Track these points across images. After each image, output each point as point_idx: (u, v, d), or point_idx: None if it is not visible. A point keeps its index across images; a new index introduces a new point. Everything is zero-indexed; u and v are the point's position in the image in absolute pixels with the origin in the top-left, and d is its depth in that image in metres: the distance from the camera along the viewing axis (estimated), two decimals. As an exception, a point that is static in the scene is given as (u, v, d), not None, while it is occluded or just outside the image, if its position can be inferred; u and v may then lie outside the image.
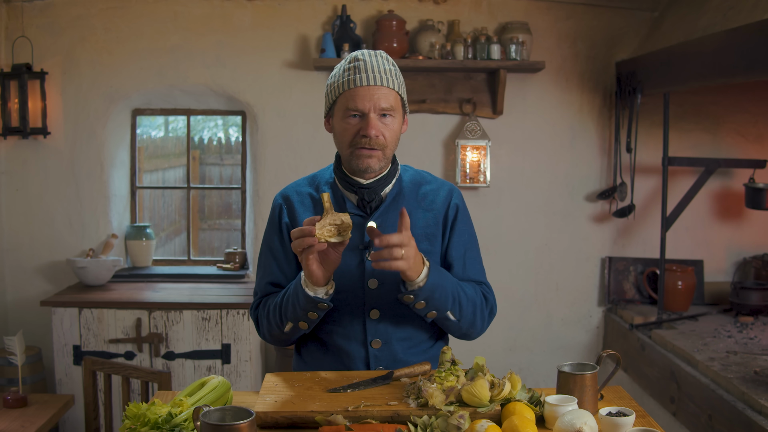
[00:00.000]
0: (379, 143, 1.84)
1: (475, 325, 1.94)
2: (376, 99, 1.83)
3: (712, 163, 3.75)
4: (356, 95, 1.83)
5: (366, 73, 1.83)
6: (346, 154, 1.88)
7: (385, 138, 1.85)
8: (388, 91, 1.85)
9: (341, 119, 1.87)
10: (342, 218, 1.72)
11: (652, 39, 3.84)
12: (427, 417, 1.58)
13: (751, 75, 2.80)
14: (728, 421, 2.75)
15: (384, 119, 1.85)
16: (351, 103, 1.83)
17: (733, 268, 4.16)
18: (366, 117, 1.83)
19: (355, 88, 1.83)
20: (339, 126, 1.88)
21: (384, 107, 1.84)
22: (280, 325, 1.90)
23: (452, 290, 1.85)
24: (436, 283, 1.80)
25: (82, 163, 4.07)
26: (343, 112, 1.86)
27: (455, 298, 1.86)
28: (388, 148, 1.88)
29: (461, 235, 2.00)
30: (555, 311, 4.23)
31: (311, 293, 1.79)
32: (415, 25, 4.01)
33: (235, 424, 1.40)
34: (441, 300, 1.83)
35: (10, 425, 3.08)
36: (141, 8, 4.00)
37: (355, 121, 1.85)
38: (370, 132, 1.82)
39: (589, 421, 1.53)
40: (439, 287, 1.81)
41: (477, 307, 1.93)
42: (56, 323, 3.59)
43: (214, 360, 3.62)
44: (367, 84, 1.82)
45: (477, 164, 4.03)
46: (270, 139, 4.08)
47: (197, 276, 4.10)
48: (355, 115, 1.84)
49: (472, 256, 2.02)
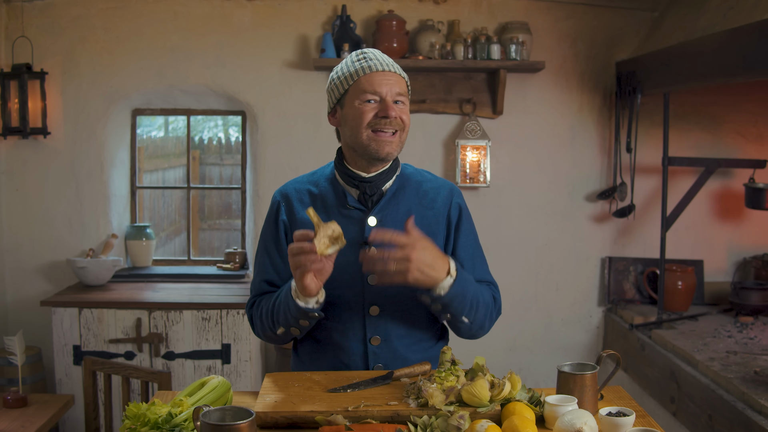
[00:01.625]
0: (398, 124, 1.86)
1: (484, 327, 1.96)
2: (391, 83, 1.86)
3: (712, 163, 3.75)
4: (373, 80, 1.85)
5: (378, 61, 1.88)
6: (363, 138, 1.86)
7: (403, 120, 1.88)
8: (399, 78, 1.89)
9: (356, 105, 1.87)
10: (332, 228, 1.72)
11: (652, 39, 3.84)
12: (427, 417, 1.58)
13: (751, 75, 2.80)
14: (728, 421, 2.75)
15: (398, 105, 1.88)
16: (368, 86, 1.85)
17: (733, 268, 4.16)
18: (384, 101, 1.85)
19: (370, 73, 1.86)
20: (354, 112, 1.87)
21: (398, 92, 1.87)
22: (273, 328, 1.91)
23: (472, 297, 1.85)
24: (458, 292, 1.80)
25: (82, 163, 4.07)
26: (358, 98, 1.86)
27: (473, 304, 1.86)
28: (404, 132, 1.90)
29: (468, 235, 2.00)
30: (555, 311, 4.23)
31: (302, 304, 1.80)
32: (415, 25, 4.01)
33: (235, 424, 1.40)
34: (460, 306, 1.83)
35: (10, 425, 3.08)
36: (141, 8, 4.00)
37: (372, 105, 1.86)
38: (391, 113, 1.84)
39: (589, 421, 1.53)
40: (460, 295, 1.81)
41: (488, 310, 1.94)
42: (56, 323, 3.59)
43: (214, 360, 3.62)
44: (381, 69, 1.86)
45: (477, 164, 4.03)
46: (270, 139, 4.08)
47: (197, 276, 4.10)
48: (371, 100, 1.85)
49: (480, 255, 2.04)
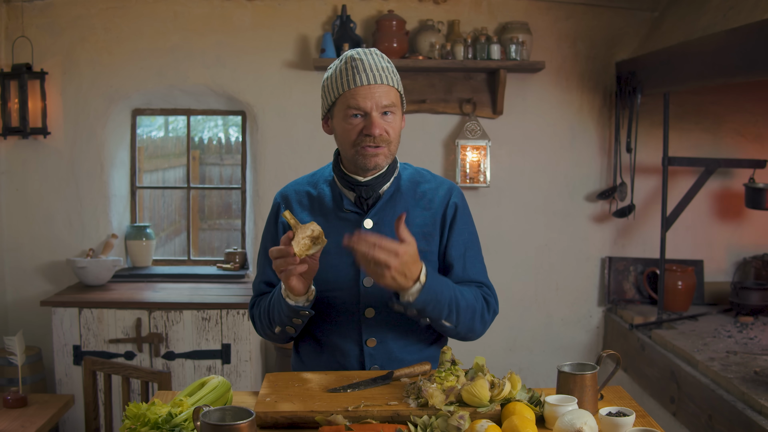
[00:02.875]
0: (384, 139, 1.83)
1: (474, 329, 1.92)
2: (377, 97, 1.81)
3: (712, 163, 3.75)
4: (357, 95, 1.81)
5: (365, 72, 1.81)
6: (351, 154, 1.86)
7: (389, 134, 1.85)
8: (388, 89, 1.84)
9: (342, 120, 1.84)
10: (311, 228, 1.72)
11: (652, 39, 3.83)
12: (427, 417, 1.58)
13: (751, 75, 2.80)
14: (728, 421, 2.75)
15: (386, 117, 1.84)
16: (352, 101, 1.81)
17: (733, 268, 4.16)
18: (369, 116, 1.81)
19: (355, 87, 1.81)
20: (341, 127, 1.86)
21: (385, 104, 1.82)
22: (271, 327, 1.93)
23: (449, 300, 1.82)
24: (429, 299, 1.77)
25: (82, 163, 4.07)
26: (344, 113, 1.83)
27: (451, 308, 1.83)
28: (392, 144, 1.87)
29: (460, 234, 1.97)
30: (555, 311, 4.23)
31: (292, 303, 1.81)
32: (415, 25, 4.01)
33: (235, 424, 1.40)
34: (435, 311, 1.80)
35: (10, 425, 3.08)
36: (141, 8, 4.00)
37: (357, 120, 1.82)
38: (374, 131, 1.81)
39: (589, 421, 1.53)
40: (432, 301, 1.78)
41: (476, 313, 1.90)
42: (56, 323, 3.59)
43: (214, 360, 3.61)
44: (367, 83, 1.81)
45: (477, 164, 4.03)
46: (270, 139, 4.08)
47: (197, 276, 4.10)
48: (357, 114, 1.82)
49: (473, 255, 1.99)
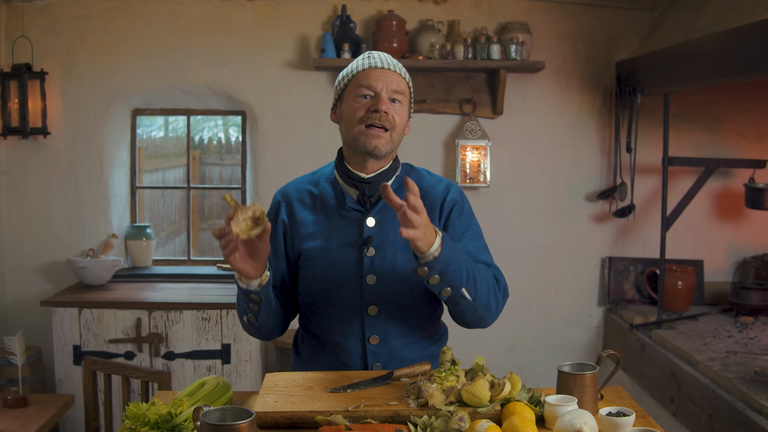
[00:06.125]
0: (389, 121, 1.86)
1: (489, 306, 1.86)
2: (388, 80, 1.88)
3: (712, 163, 3.75)
4: (369, 75, 1.88)
5: (379, 59, 1.90)
6: (354, 133, 1.88)
7: (394, 119, 1.87)
8: (399, 78, 1.91)
9: (352, 100, 1.89)
10: (252, 209, 1.69)
11: (652, 39, 3.83)
12: (427, 417, 1.58)
13: (751, 75, 2.80)
14: (728, 421, 2.75)
15: (393, 104, 1.89)
16: (364, 81, 1.87)
17: (733, 268, 4.16)
18: (378, 96, 1.87)
19: (369, 69, 1.88)
20: (349, 107, 1.89)
21: (395, 89, 1.88)
22: (241, 317, 1.94)
23: (467, 265, 1.77)
24: (451, 256, 1.71)
25: (82, 163, 4.07)
26: (354, 93, 1.89)
27: (470, 274, 1.77)
28: (395, 131, 1.89)
29: (456, 226, 1.95)
30: (555, 311, 4.22)
31: (244, 286, 1.81)
32: (415, 25, 4.01)
33: (235, 424, 1.40)
34: (456, 274, 1.73)
35: (10, 425, 3.08)
36: (141, 8, 4.00)
37: (366, 101, 1.88)
38: (381, 106, 1.85)
39: (589, 421, 1.53)
40: (454, 260, 1.72)
41: (491, 287, 1.86)
42: (56, 323, 3.59)
43: (214, 360, 3.61)
44: (380, 67, 1.89)
45: (477, 164, 4.03)
46: (270, 139, 4.08)
47: (197, 276, 4.10)
48: (367, 95, 1.87)
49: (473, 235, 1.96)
